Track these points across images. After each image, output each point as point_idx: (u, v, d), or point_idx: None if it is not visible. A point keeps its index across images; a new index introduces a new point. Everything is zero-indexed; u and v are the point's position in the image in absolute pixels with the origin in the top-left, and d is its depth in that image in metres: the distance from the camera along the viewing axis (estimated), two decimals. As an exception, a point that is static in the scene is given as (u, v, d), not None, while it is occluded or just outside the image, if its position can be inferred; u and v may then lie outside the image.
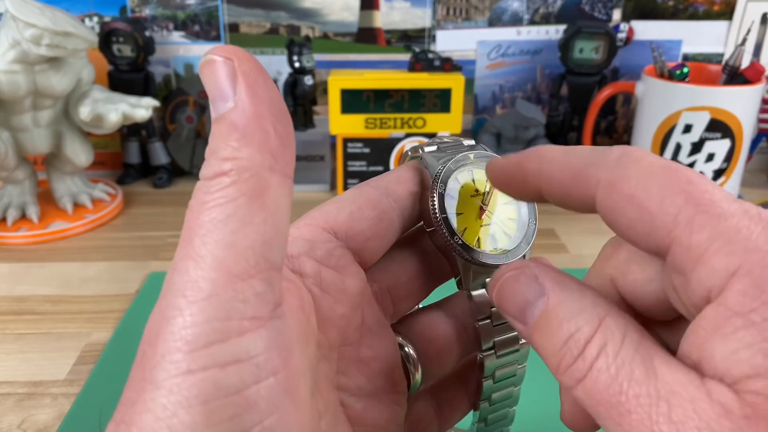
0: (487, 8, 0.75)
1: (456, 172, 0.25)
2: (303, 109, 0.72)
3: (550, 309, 0.19)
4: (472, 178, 0.25)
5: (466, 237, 0.24)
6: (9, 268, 0.57)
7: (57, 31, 0.54)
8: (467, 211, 0.24)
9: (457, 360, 0.26)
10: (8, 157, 0.60)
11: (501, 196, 0.25)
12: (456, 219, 0.24)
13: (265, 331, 0.17)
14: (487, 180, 0.25)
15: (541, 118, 0.72)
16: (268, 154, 0.17)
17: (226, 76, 0.18)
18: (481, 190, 0.25)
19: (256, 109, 0.18)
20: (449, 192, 0.24)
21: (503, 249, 0.24)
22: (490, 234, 0.24)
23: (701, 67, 0.69)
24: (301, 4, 0.74)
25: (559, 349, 0.18)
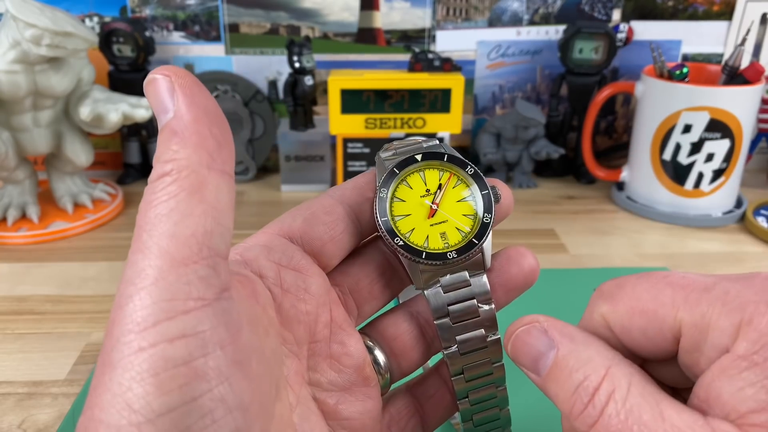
0: (486, 8, 0.75)
1: (403, 174, 0.25)
2: (303, 109, 0.72)
3: (560, 359, 0.21)
4: (423, 179, 0.26)
5: (413, 237, 0.25)
6: (9, 268, 0.57)
7: (57, 32, 0.54)
8: (416, 212, 0.25)
9: (423, 356, 0.27)
10: (8, 157, 0.60)
11: (456, 193, 0.25)
12: (401, 220, 0.25)
13: (210, 309, 0.18)
14: (440, 177, 0.26)
15: (541, 118, 0.72)
16: (206, 153, 0.19)
17: (166, 90, 0.20)
18: (432, 189, 0.25)
19: (193, 115, 0.19)
20: (396, 195, 0.25)
21: (453, 245, 0.25)
22: (441, 233, 0.25)
23: (701, 67, 0.69)
24: (301, 5, 0.74)
25: (570, 396, 0.20)
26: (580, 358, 0.20)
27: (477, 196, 0.25)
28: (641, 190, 0.69)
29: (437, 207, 0.25)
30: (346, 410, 0.24)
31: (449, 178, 0.26)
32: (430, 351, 0.27)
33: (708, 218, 0.66)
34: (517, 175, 0.76)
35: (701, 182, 0.66)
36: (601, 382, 0.19)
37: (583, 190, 0.76)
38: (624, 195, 0.71)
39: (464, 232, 0.25)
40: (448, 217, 0.25)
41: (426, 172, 0.26)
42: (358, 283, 0.26)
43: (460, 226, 0.25)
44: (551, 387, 0.21)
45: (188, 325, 0.17)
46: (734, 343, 0.19)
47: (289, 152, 0.74)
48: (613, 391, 0.19)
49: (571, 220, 0.67)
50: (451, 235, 0.25)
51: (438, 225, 0.25)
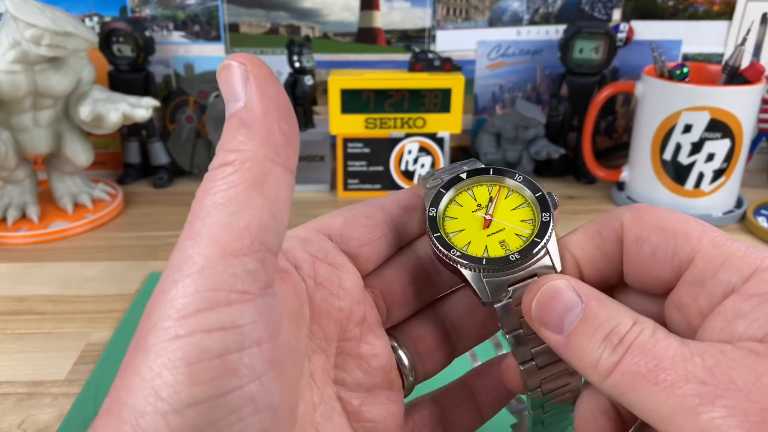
0: (487, 8, 0.75)
1: (451, 193, 0.25)
2: (303, 109, 0.72)
3: (589, 313, 0.21)
4: (473, 196, 0.25)
5: (471, 250, 0.23)
6: (9, 268, 0.57)
7: (57, 31, 0.54)
8: (470, 226, 0.24)
9: (448, 358, 0.27)
10: (8, 157, 0.60)
11: (510, 202, 0.25)
12: (456, 236, 0.24)
13: (253, 304, 0.18)
14: (490, 191, 0.25)
15: (541, 118, 0.72)
16: (271, 147, 0.19)
17: (239, 79, 0.19)
18: (483, 203, 0.25)
19: (263, 107, 0.19)
20: (446, 214, 0.25)
21: (514, 250, 0.23)
22: (501, 241, 0.24)
23: (701, 67, 0.69)
24: (301, 4, 0.74)
25: (599, 344, 0.20)
26: (609, 310, 0.21)
27: (532, 201, 0.25)
28: (641, 190, 0.69)
29: (491, 217, 0.24)
30: (369, 412, 0.24)
31: (499, 190, 0.25)
32: (455, 353, 0.27)
33: (708, 218, 0.66)
34: (518, 175, 0.76)
35: (702, 182, 0.65)
36: (631, 328, 0.20)
37: (584, 190, 0.76)
38: (624, 195, 0.71)
39: (525, 236, 0.24)
40: (505, 224, 0.24)
41: (474, 189, 0.25)
42: (390, 287, 0.26)
43: (520, 231, 0.24)
44: (576, 342, 0.21)
45: (228, 317, 0.17)
46: (745, 284, 0.20)
47: (289, 152, 0.74)
48: (642, 330, 0.20)
49: (571, 220, 0.67)
50: (512, 241, 0.24)
51: (495, 234, 0.24)
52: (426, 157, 0.71)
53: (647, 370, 0.19)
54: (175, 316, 0.17)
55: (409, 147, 0.71)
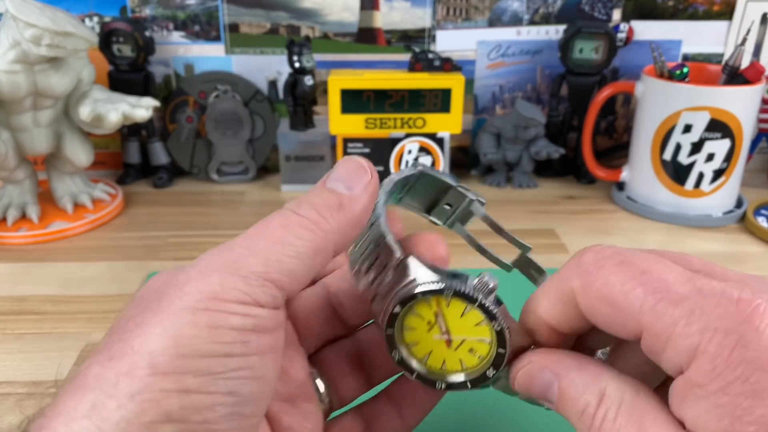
0: (487, 8, 0.75)
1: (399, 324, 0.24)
2: (303, 109, 0.72)
3: (563, 390, 0.22)
4: (418, 315, 0.24)
5: (448, 365, 0.24)
6: (9, 268, 0.57)
7: (57, 31, 0.54)
8: (435, 346, 0.24)
9: (363, 386, 0.27)
10: (8, 157, 0.60)
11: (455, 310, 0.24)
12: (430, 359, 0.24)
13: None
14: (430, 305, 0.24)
15: (541, 118, 0.72)
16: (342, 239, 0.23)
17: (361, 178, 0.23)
18: (432, 321, 0.24)
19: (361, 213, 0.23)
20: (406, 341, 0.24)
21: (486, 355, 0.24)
22: (469, 349, 0.24)
23: (701, 67, 0.69)
24: (301, 5, 0.74)
25: (578, 420, 0.22)
26: (577, 386, 0.22)
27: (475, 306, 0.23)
28: (641, 190, 0.69)
29: (448, 335, 0.24)
30: (287, 420, 0.25)
31: (438, 303, 0.24)
32: (371, 381, 0.28)
33: (708, 218, 0.66)
34: (517, 175, 0.76)
35: (701, 182, 0.65)
36: (598, 407, 0.21)
37: (584, 190, 0.76)
38: (624, 195, 0.71)
39: (488, 339, 0.24)
40: (463, 336, 0.24)
41: (416, 308, 0.24)
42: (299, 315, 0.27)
43: (481, 335, 0.24)
44: (564, 412, 0.22)
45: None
46: (689, 366, 0.19)
47: (289, 152, 0.74)
48: (606, 413, 0.21)
49: (571, 220, 0.67)
50: (479, 347, 0.24)
51: (461, 346, 0.24)
52: (426, 157, 0.71)
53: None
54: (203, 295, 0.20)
55: (409, 147, 0.71)
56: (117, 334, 0.20)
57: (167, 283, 0.20)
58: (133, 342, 0.19)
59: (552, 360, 0.23)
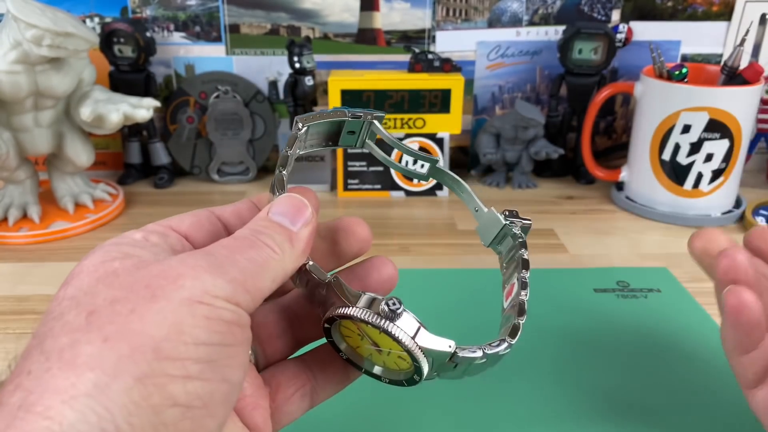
0: (486, 9, 0.75)
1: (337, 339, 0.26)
2: (303, 109, 0.72)
3: None
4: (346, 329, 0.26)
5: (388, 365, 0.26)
6: (10, 268, 0.57)
7: (58, 32, 0.54)
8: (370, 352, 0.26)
9: (289, 348, 0.28)
10: (10, 158, 0.60)
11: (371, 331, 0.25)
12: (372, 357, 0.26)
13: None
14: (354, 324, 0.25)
15: (540, 118, 0.72)
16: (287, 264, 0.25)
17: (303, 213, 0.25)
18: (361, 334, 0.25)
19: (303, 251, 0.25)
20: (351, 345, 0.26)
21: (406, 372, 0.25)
22: (398, 356, 0.25)
23: (700, 67, 0.69)
24: (301, 5, 0.74)
25: None
26: None
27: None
28: (640, 191, 0.69)
29: (378, 347, 0.25)
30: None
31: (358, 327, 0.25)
32: (297, 344, 0.28)
33: (707, 218, 0.66)
34: (517, 176, 0.76)
35: (700, 182, 0.66)
36: None
37: (583, 190, 0.76)
38: (623, 195, 0.71)
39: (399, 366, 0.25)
40: (389, 348, 0.25)
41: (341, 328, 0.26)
42: None
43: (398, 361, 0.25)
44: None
45: None
46: None
47: (290, 152, 0.74)
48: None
49: (570, 220, 0.68)
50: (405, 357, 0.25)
51: (391, 353, 0.25)
52: (426, 157, 0.72)
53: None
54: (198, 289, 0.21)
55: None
56: (103, 316, 0.20)
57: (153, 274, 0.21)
58: (131, 326, 0.19)
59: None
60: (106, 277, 0.21)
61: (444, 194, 0.73)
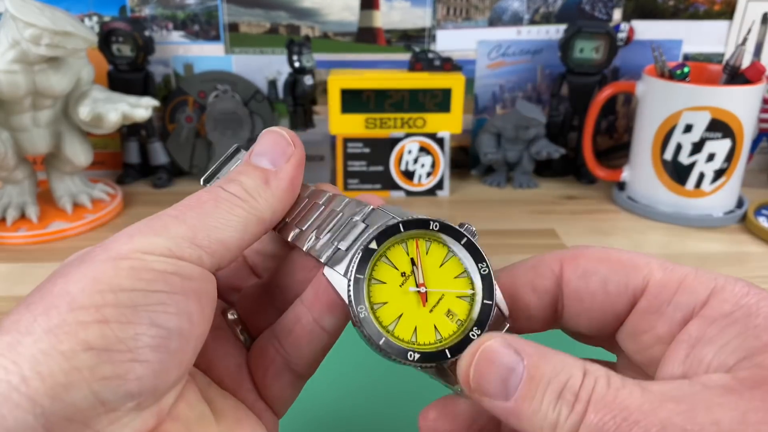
0: (487, 8, 0.75)
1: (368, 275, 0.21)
2: (303, 109, 0.72)
3: (532, 370, 0.18)
4: (390, 264, 0.22)
5: (420, 337, 0.21)
6: (8, 268, 0.57)
7: (56, 31, 0.54)
8: (406, 308, 0.21)
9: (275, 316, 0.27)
10: (8, 157, 0.59)
11: (434, 257, 0.22)
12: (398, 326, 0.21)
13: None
14: (406, 249, 0.22)
15: (541, 118, 0.72)
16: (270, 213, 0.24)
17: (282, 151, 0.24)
18: (407, 271, 0.21)
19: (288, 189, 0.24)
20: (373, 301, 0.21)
21: (465, 319, 0.21)
22: (446, 312, 0.21)
23: (702, 66, 0.69)
24: (300, 4, 0.74)
25: (553, 406, 0.18)
26: (555, 363, 0.19)
27: (458, 250, 0.22)
28: (642, 190, 0.69)
29: (425, 287, 0.21)
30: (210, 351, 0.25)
31: (417, 245, 0.22)
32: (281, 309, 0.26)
33: (709, 218, 0.66)
34: (518, 175, 0.76)
35: (702, 182, 0.65)
36: (583, 380, 0.18)
37: (584, 190, 0.76)
38: (625, 195, 0.71)
39: (468, 297, 0.22)
40: (442, 291, 0.21)
41: (390, 255, 0.22)
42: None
43: (461, 291, 0.22)
44: (525, 407, 0.18)
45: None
46: (704, 307, 0.19)
47: (289, 152, 0.74)
48: (596, 383, 0.18)
49: (571, 220, 0.67)
50: (458, 309, 0.21)
51: (438, 306, 0.21)
52: (426, 157, 0.71)
53: (616, 426, 0.17)
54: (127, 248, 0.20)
55: (409, 147, 0.71)
56: (38, 289, 0.20)
57: (93, 247, 0.21)
58: (53, 288, 0.19)
59: (519, 340, 0.19)
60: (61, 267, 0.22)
61: (444, 194, 0.73)
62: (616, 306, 0.22)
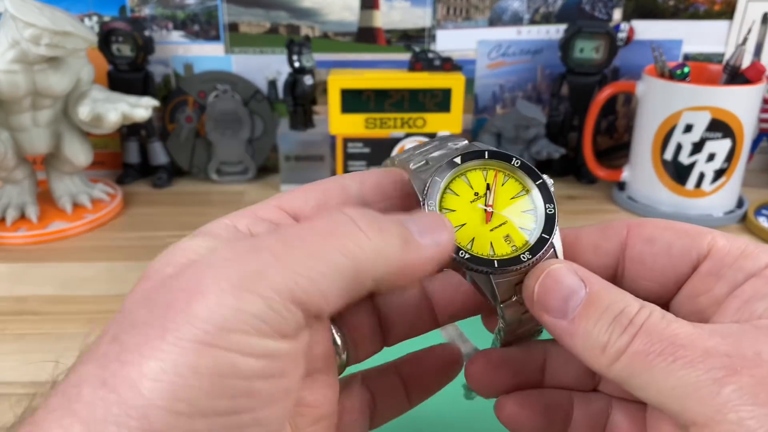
0: (487, 8, 0.75)
1: (446, 182, 0.23)
2: (303, 109, 0.72)
3: (593, 295, 0.20)
4: (468, 183, 0.23)
5: (476, 248, 0.22)
6: (8, 269, 0.57)
7: (56, 31, 0.54)
8: (470, 220, 0.23)
9: (378, 346, 0.27)
10: (7, 157, 0.59)
11: (508, 190, 0.24)
12: (458, 231, 0.22)
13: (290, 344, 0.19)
14: (485, 177, 0.23)
15: (541, 117, 0.72)
16: None
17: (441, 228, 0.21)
18: (480, 192, 0.23)
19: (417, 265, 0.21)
20: (443, 206, 0.23)
21: (521, 246, 0.22)
22: (505, 236, 0.23)
23: (702, 66, 0.69)
24: (300, 4, 0.74)
25: (606, 328, 0.20)
26: (614, 294, 0.20)
27: (532, 189, 0.23)
28: (642, 190, 0.69)
29: (492, 209, 0.23)
30: (310, 396, 0.23)
31: (495, 175, 0.23)
32: (386, 342, 0.27)
33: (709, 218, 0.66)
34: (518, 175, 0.76)
35: (702, 182, 0.65)
36: (640, 310, 0.20)
37: (584, 190, 0.76)
38: (625, 195, 0.71)
39: (529, 230, 0.23)
40: (506, 217, 0.23)
41: (469, 175, 0.23)
42: None
43: (524, 224, 0.23)
44: (581, 326, 0.20)
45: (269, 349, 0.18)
46: (765, 269, 0.20)
47: (289, 152, 0.74)
48: (653, 311, 0.19)
49: (572, 220, 0.67)
50: (517, 237, 0.23)
51: (498, 228, 0.23)
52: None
53: (662, 348, 0.18)
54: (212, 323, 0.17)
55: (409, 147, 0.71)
56: (117, 346, 0.18)
57: (178, 286, 0.18)
58: (130, 370, 0.17)
59: (585, 270, 0.21)
60: (153, 289, 0.19)
61: (444, 194, 0.73)
62: (678, 269, 0.22)
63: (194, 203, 0.71)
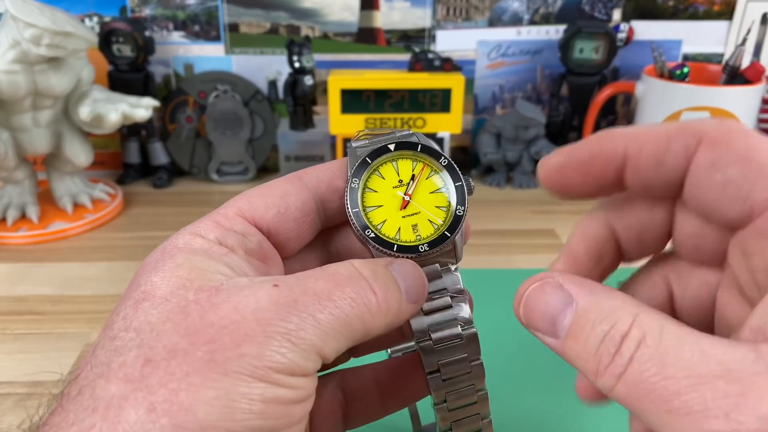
0: (487, 8, 0.75)
1: (375, 164, 0.25)
2: (303, 109, 0.72)
3: (580, 314, 0.19)
4: (396, 169, 0.25)
5: (384, 229, 0.24)
6: (9, 268, 0.57)
7: (57, 31, 0.54)
8: (388, 204, 0.25)
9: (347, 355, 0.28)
10: (8, 158, 0.59)
11: (430, 185, 0.25)
12: (373, 212, 0.24)
13: None
14: (413, 168, 0.25)
15: (541, 118, 0.72)
16: None
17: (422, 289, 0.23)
18: (405, 180, 0.25)
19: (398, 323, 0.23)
20: (367, 185, 0.25)
21: (425, 238, 0.24)
22: (414, 225, 0.24)
23: (701, 67, 0.69)
24: (301, 4, 0.74)
25: (595, 351, 0.18)
26: (602, 308, 0.18)
27: (450, 188, 0.25)
28: (642, 190, 0.69)
29: (410, 198, 0.25)
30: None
31: (422, 168, 0.25)
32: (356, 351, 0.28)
33: (708, 218, 0.66)
34: (518, 175, 0.76)
35: (702, 182, 0.65)
36: (629, 330, 0.17)
37: (584, 190, 0.76)
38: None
39: (437, 225, 0.24)
40: (420, 208, 0.25)
41: (399, 162, 0.25)
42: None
43: (433, 218, 0.25)
44: (572, 347, 0.19)
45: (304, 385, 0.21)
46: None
47: (289, 152, 0.74)
48: (644, 337, 0.17)
49: (571, 220, 0.67)
50: (424, 228, 0.24)
51: (410, 217, 0.25)
52: (426, 157, 0.71)
53: (653, 396, 0.16)
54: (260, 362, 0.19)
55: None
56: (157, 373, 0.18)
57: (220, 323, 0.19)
58: (180, 398, 0.18)
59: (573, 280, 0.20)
60: (177, 313, 0.20)
61: (444, 194, 0.73)
62: (728, 213, 0.19)
63: (194, 203, 0.71)
